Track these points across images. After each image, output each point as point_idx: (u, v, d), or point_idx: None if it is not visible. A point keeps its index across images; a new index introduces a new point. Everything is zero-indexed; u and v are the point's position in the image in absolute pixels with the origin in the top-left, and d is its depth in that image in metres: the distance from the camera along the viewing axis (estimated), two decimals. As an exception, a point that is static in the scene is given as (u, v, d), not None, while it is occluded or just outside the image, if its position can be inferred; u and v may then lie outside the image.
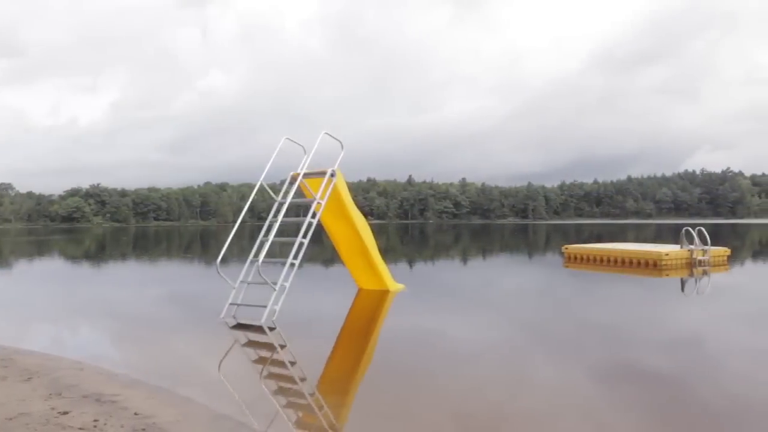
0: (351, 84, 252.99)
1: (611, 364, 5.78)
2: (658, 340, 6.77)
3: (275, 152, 9.13)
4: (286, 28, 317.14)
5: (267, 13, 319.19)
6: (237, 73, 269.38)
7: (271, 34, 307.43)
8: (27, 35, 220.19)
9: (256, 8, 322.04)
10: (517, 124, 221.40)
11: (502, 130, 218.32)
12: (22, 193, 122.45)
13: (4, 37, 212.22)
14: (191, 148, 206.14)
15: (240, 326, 7.56)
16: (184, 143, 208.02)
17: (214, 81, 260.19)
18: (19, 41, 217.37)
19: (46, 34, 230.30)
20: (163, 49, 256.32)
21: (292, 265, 8.14)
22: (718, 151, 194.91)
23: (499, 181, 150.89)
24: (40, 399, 4.43)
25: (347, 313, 9.03)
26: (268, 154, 9.15)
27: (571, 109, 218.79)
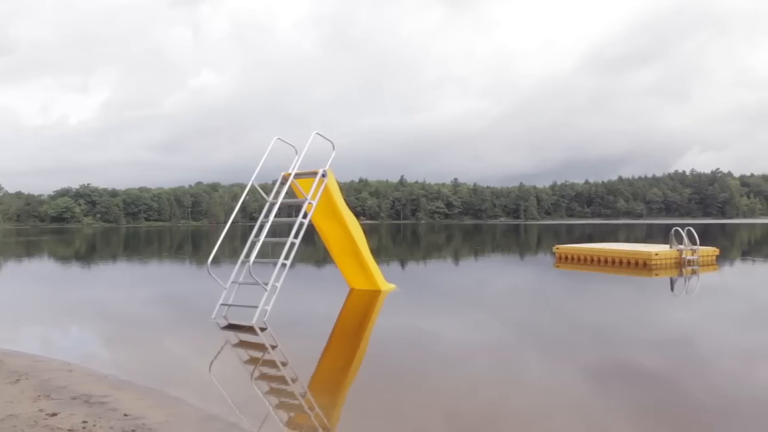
0: (343, 84, 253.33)
1: (602, 363, 5.81)
2: (648, 340, 6.83)
3: (266, 153, 9.11)
4: (278, 28, 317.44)
5: (259, 12, 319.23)
6: (229, 73, 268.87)
7: (264, 33, 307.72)
8: (17, 33, 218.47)
9: (248, 7, 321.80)
10: (509, 125, 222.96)
11: (494, 131, 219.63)
12: (11, 193, 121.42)
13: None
14: (183, 147, 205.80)
15: (231, 327, 7.54)
16: (175, 143, 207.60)
17: (206, 80, 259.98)
18: (8, 39, 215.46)
19: (36, 33, 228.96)
20: (154, 48, 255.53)
21: (284, 265, 8.13)
22: (708, 152, 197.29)
23: (491, 182, 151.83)
24: (29, 401, 4.39)
25: (339, 314, 9.02)
26: (260, 154, 9.13)
27: (562, 110, 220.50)
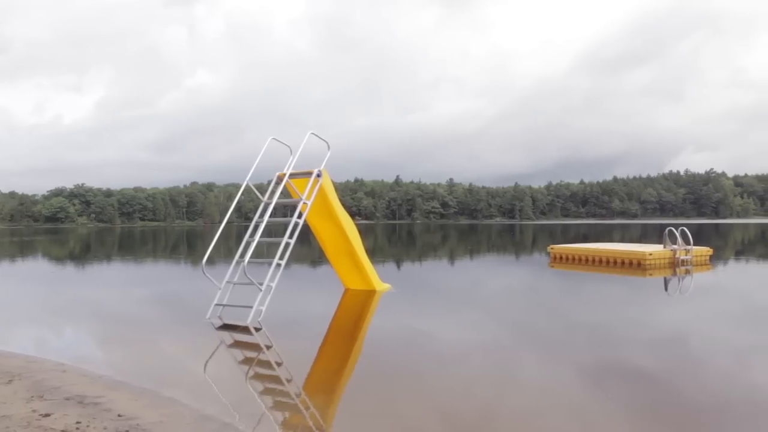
0: (339, 84, 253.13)
1: (596, 363, 5.84)
2: (642, 339, 6.85)
3: (261, 153, 9.10)
4: (274, 28, 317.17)
5: (255, 12, 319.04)
6: (224, 73, 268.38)
7: (259, 33, 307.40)
8: (11, 32, 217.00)
9: (243, 7, 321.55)
10: (505, 125, 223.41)
11: (490, 131, 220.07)
12: (5, 192, 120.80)
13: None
14: (178, 147, 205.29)
15: (226, 327, 7.53)
16: (170, 143, 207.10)
17: (202, 80, 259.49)
18: (2, 38, 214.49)
19: (31, 31, 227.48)
20: (149, 47, 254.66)
21: (279, 265, 8.12)
22: (702, 153, 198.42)
23: (487, 182, 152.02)
24: (21, 402, 4.37)
25: (334, 314, 9.01)
26: (256, 154, 9.11)
27: (558, 110, 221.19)
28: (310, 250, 22.44)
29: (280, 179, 9.17)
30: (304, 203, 8.84)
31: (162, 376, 5.36)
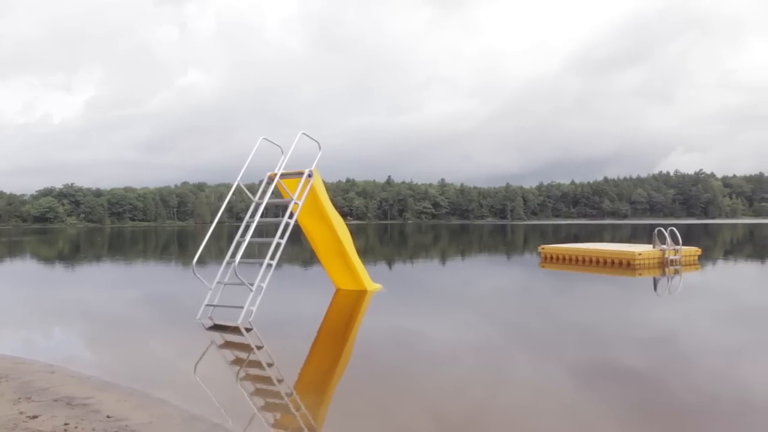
0: (331, 84, 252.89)
1: (587, 362, 5.87)
2: (632, 339, 6.90)
3: (252, 152, 9.07)
4: (265, 27, 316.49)
5: (246, 11, 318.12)
6: (216, 72, 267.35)
7: (251, 32, 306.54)
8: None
9: (234, 6, 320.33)
10: (496, 126, 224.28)
11: (481, 132, 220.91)
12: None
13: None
14: (168, 147, 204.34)
15: (216, 327, 7.50)
16: (161, 142, 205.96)
17: (193, 79, 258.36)
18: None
19: (19, 29, 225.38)
20: (140, 46, 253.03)
21: (269, 265, 8.10)
22: (692, 153, 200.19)
23: (478, 182, 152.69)
24: (9, 403, 4.33)
25: (325, 314, 9.00)
26: (247, 154, 9.09)
27: (549, 111, 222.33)
28: (301, 251, 22.38)
29: (272, 179, 9.15)
30: (296, 203, 8.83)
31: (151, 376, 5.32)
